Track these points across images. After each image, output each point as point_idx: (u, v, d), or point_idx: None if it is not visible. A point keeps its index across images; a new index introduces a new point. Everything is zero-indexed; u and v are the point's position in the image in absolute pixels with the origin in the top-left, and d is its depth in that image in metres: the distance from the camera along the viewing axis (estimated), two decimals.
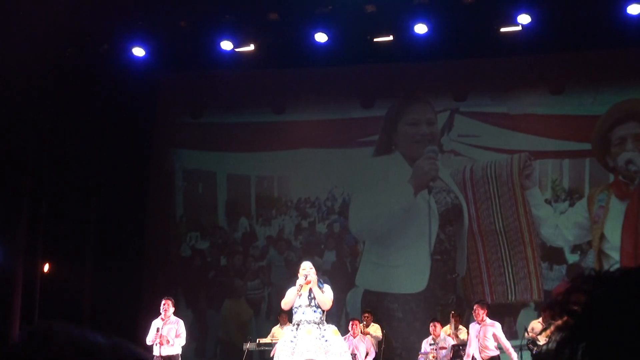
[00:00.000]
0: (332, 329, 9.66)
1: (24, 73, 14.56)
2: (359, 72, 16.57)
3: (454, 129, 16.15)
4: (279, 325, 14.22)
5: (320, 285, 9.77)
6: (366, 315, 14.60)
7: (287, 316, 12.48)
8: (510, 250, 15.55)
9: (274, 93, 16.94)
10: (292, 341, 9.57)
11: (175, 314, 13.04)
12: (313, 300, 9.65)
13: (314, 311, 9.64)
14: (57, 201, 15.69)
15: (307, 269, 9.82)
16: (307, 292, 9.76)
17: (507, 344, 12.76)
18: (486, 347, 12.70)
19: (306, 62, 16.23)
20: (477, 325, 12.81)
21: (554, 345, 1.32)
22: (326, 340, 9.45)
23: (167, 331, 12.68)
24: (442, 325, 13.89)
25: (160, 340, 12.53)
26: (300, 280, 9.76)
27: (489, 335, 12.67)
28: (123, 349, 1.31)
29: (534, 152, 15.66)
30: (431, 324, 13.69)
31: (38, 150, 15.60)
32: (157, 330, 12.63)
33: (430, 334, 13.65)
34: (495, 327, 12.76)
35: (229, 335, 16.49)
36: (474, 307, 13.05)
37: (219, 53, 15.75)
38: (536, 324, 13.89)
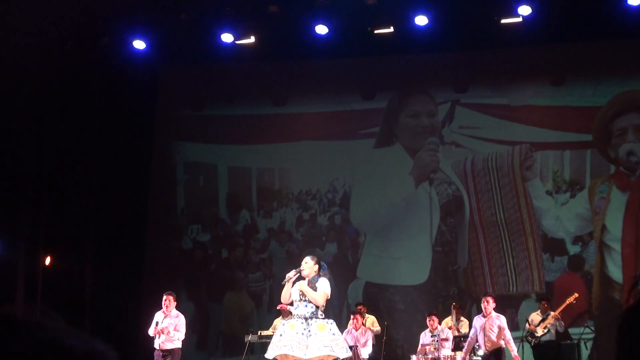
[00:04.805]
0: (318, 323, 9.63)
1: (24, 66, 14.56)
2: (360, 64, 16.56)
3: (455, 120, 16.15)
4: (280, 317, 14.23)
5: (314, 280, 9.77)
6: (359, 307, 14.53)
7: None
8: (511, 241, 15.56)
9: (274, 85, 16.94)
10: (281, 335, 9.68)
11: (176, 307, 13.06)
12: (304, 295, 9.70)
13: (305, 305, 9.68)
14: (58, 194, 15.71)
15: (302, 264, 9.87)
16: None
17: (509, 335, 12.76)
18: (490, 339, 12.70)
19: (307, 54, 16.22)
20: (483, 318, 12.79)
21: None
22: (309, 335, 9.50)
23: (167, 324, 12.72)
24: (441, 317, 13.89)
25: (160, 331, 12.58)
26: (289, 274, 9.85)
27: (495, 328, 12.66)
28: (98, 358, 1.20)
29: (535, 144, 15.65)
30: (428, 318, 13.68)
31: (39, 143, 15.61)
32: (157, 324, 12.69)
33: (428, 327, 13.66)
34: (501, 320, 12.75)
35: (231, 327, 16.51)
36: (484, 299, 12.94)
37: (219, 45, 15.74)
38: (535, 316, 13.93)
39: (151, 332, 12.77)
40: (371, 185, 16.22)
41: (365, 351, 13.75)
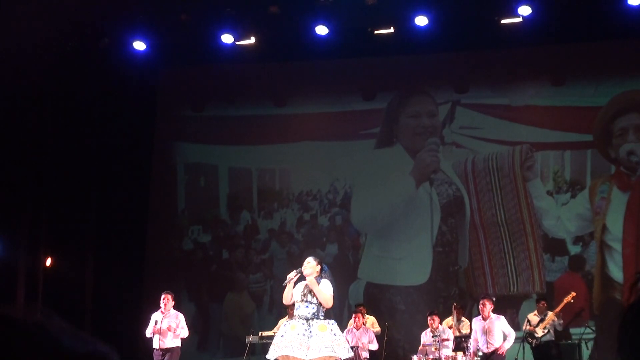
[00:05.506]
0: (319, 324, 9.63)
1: (25, 67, 14.56)
2: (360, 64, 16.56)
3: (455, 121, 16.15)
4: (286, 317, 14.21)
5: (318, 280, 9.76)
6: (359, 308, 14.49)
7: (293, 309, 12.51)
8: (512, 242, 15.55)
9: (275, 86, 16.94)
10: (282, 335, 9.69)
11: (177, 307, 13.05)
12: (307, 296, 9.68)
13: (307, 306, 9.67)
14: (59, 196, 15.71)
15: (304, 264, 9.84)
16: (302, 287, 9.79)
17: (511, 334, 12.81)
18: (493, 340, 12.73)
19: (307, 55, 16.23)
20: (483, 321, 12.80)
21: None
22: (310, 336, 9.50)
23: (167, 324, 12.66)
24: (442, 318, 13.88)
25: (158, 330, 12.53)
26: (289, 275, 9.83)
27: (495, 331, 12.69)
28: None
29: (536, 144, 15.65)
30: (429, 317, 13.67)
31: (40, 145, 15.61)
32: (155, 323, 12.65)
33: (429, 327, 13.65)
34: (501, 321, 12.80)
35: (232, 328, 16.51)
36: (481, 302, 13.00)
37: (219, 46, 15.74)
38: (532, 317, 13.90)
39: (149, 333, 12.72)
40: (372, 186, 16.21)
41: (373, 346, 13.78)
